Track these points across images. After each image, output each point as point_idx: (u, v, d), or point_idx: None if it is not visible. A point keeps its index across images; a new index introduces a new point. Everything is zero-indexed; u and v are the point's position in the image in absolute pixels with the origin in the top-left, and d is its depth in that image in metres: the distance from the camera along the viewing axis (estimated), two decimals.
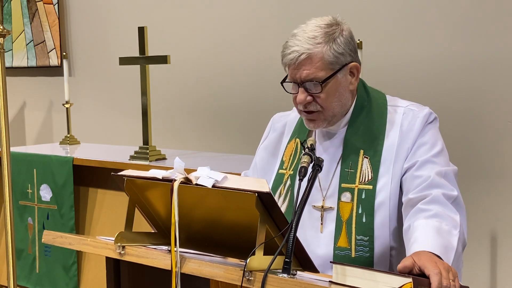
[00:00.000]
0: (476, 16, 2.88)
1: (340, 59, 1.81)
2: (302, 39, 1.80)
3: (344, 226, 1.82)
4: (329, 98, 1.82)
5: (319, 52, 1.79)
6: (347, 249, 1.81)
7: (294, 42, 1.81)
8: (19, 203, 3.74)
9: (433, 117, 1.88)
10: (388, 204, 1.80)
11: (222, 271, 1.42)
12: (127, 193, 1.66)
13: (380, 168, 1.83)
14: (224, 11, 3.72)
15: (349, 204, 1.83)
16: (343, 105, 1.87)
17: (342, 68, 1.82)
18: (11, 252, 2.40)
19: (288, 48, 1.81)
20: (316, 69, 1.79)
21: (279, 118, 2.11)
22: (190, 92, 3.93)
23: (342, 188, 1.85)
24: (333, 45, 1.80)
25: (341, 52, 1.81)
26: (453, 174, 1.82)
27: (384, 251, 1.81)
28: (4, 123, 2.39)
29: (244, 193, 1.42)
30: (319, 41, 1.79)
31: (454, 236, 1.66)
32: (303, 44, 1.79)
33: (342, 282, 1.39)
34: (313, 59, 1.79)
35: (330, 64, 1.80)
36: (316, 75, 1.79)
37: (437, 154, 1.82)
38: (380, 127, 1.88)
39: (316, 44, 1.79)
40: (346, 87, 1.85)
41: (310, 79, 1.79)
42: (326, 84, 1.80)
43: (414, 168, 1.80)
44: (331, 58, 1.79)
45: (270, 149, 2.07)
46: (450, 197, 1.75)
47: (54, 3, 4.54)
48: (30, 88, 4.86)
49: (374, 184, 1.82)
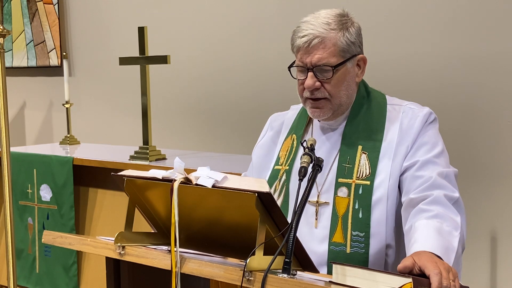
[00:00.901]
0: (474, 13, 2.88)
1: (351, 48, 1.82)
2: (316, 23, 1.81)
3: (340, 221, 1.81)
4: (338, 85, 1.82)
5: (333, 37, 1.80)
6: (342, 244, 1.80)
7: (308, 26, 1.81)
8: (19, 203, 3.74)
9: (433, 117, 1.88)
10: (386, 201, 1.80)
11: (222, 271, 1.42)
12: (127, 193, 1.66)
13: (378, 164, 1.82)
14: (224, 11, 3.72)
15: (345, 199, 1.82)
16: (349, 96, 1.87)
17: (352, 57, 1.84)
18: (11, 252, 2.40)
19: (301, 31, 1.81)
20: (329, 54, 1.79)
21: (276, 117, 2.12)
22: (190, 92, 3.93)
23: (339, 183, 1.84)
24: (346, 33, 1.82)
25: (353, 41, 1.83)
26: (453, 175, 1.82)
27: (379, 249, 1.80)
28: (4, 123, 2.39)
29: (244, 193, 1.42)
30: (333, 27, 1.81)
31: (455, 237, 1.66)
32: (317, 28, 1.80)
33: (342, 282, 1.39)
34: (326, 43, 1.79)
35: (342, 51, 1.81)
36: (328, 60, 1.80)
37: (438, 155, 1.82)
38: (379, 124, 1.88)
39: (330, 30, 1.80)
40: (353, 78, 1.86)
41: (322, 64, 1.79)
42: (337, 71, 1.80)
43: (415, 168, 1.80)
44: (343, 45, 1.81)
45: (266, 147, 2.07)
46: (451, 198, 1.75)
47: (54, 3, 4.54)
48: (30, 88, 4.86)
49: (372, 180, 1.81)
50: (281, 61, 3.47)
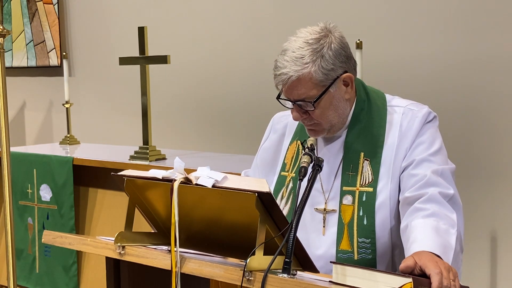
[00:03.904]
0: (475, 14, 2.88)
1: (330, 74, 1.79)
2: (289, 59, 1.78)
3: (346, 229, 1.82)
4: (324, 112, 1.82)
5: (308, 73, 1.77)
6: (350, 251, 1.81)
7: (283, 63, 1.79)
8: (19, 203, 3.74)
9: (432, 116, 1.88)
10: (388, 203, 1.81)
11: (222, 271, 1.42)
12: (127, 193, 1.66)
13: (380, 170, 1.83)
14: (224, 11, 3.72)
15: (350, 207, 1.83)
16: (340, 115, 1.87)
17: (334, 82, 1.80)
18: (11, 252, 2.40)
19: (278, 69, 1.80)
20: (307, 89, 1.78)
21: (279, 119, 2.11)
22: (190, 92, 3.93)
23: (344, 191, 1.85)
24: (322, 62, 1.77)
25: (330, 68, 1.79)
26: (450, 172, 1.81)
27: (386, 251, 1.81)
28: (4, 123, 2.39)
29: (244, 193, 1.41)
30: (306, 60, 1.77)
31: (452, 235, 1.66)
32: (291, 66, 1.77)
33: (342, 282, 1.39)
34: (302, 80, 1.77)
35: (320, 82, 1.78)
36: (308, 94, 1.78)
37: (434, 153, 1.82)
38: (380, 129, 1.88)
39: (304, 65, 1.77)
40: (341, 98, 1.85)
41: (302, 99, 1.79)
42: (319, 102, 1.80)
43: (411, 166, 1.80)
44: (320, 76, 1.78)
45: (271, 150, 2.07)
46: (446, 196, 1.75)
47: (54, 3, 4.54)
48: (30, 88, 4.86)
49: (375, 186, 1.82)
50: None
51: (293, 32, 1.86)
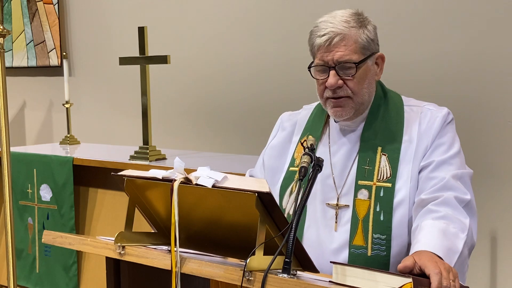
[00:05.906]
0: (479, 15, 2.87)
1: (371, 45, 1.83)
2: (335, 22, 1.80)
3: (361, 224, 1.79)
4: (361, 83, 1.82)
5: (354, 34, 1.80)
6: (363, 247, 1.78)
7: (327, 24, 1.80)
8: (19, 203, 3.74)
9: (451, 118, 1.87)
10: (408, 202, 1.78)
11: (222, 271, 1.42)
12: (127, 193, 1.66)
13: (399, 166, 1.81)
14: (224, 11, 3.72)
15: (366, 202, 1.81)
16: (370, 94, 1.87)
17: (372, 55, 1.84)
18: (11, 252, 2.40)
19: (320, 30, 1.80)
20: (351, 51, 1.79)
21: (288, 117, 2.09)
22: (190, 92, 3.93)
23: (359, 185, 1.83)
24: (366, 30, 1.82)
25: (372, 39, 1.83)
26: (468, 177, 1.81)
27: (401, 250, 1.78)
28: (4, 123, 2.39)
29: (244, 193, 1.41)
30: (352, 24, 1.80)
31: (461, 240, 1.65)
32: (337, 26, 1.79)
33: (342, 282, 1.39)
34: (347, 40, 1.79)
35: (363, 49, 1.81)
36: (351, 57, 1.79)
37: (454, 156, 1.81)
38: (398, 125, 1.87)
39: (350, 27, 1.80)
40: (373, 76, 1.86)
41: (345, 61, 1.79)
42: (360, 68, 1.80)
43: (430, 168, 1.79)
44: (364, 42, 1.81)
45: (278, 148, 2.05)
46: (462, 201, 1.74)
47: (54, 3, 4.54)
48: (30, 88, 4.86)
49: (393, 182, 1.79)
50: (281, 61, 3.48)
51: (293, 32, 1.86)
